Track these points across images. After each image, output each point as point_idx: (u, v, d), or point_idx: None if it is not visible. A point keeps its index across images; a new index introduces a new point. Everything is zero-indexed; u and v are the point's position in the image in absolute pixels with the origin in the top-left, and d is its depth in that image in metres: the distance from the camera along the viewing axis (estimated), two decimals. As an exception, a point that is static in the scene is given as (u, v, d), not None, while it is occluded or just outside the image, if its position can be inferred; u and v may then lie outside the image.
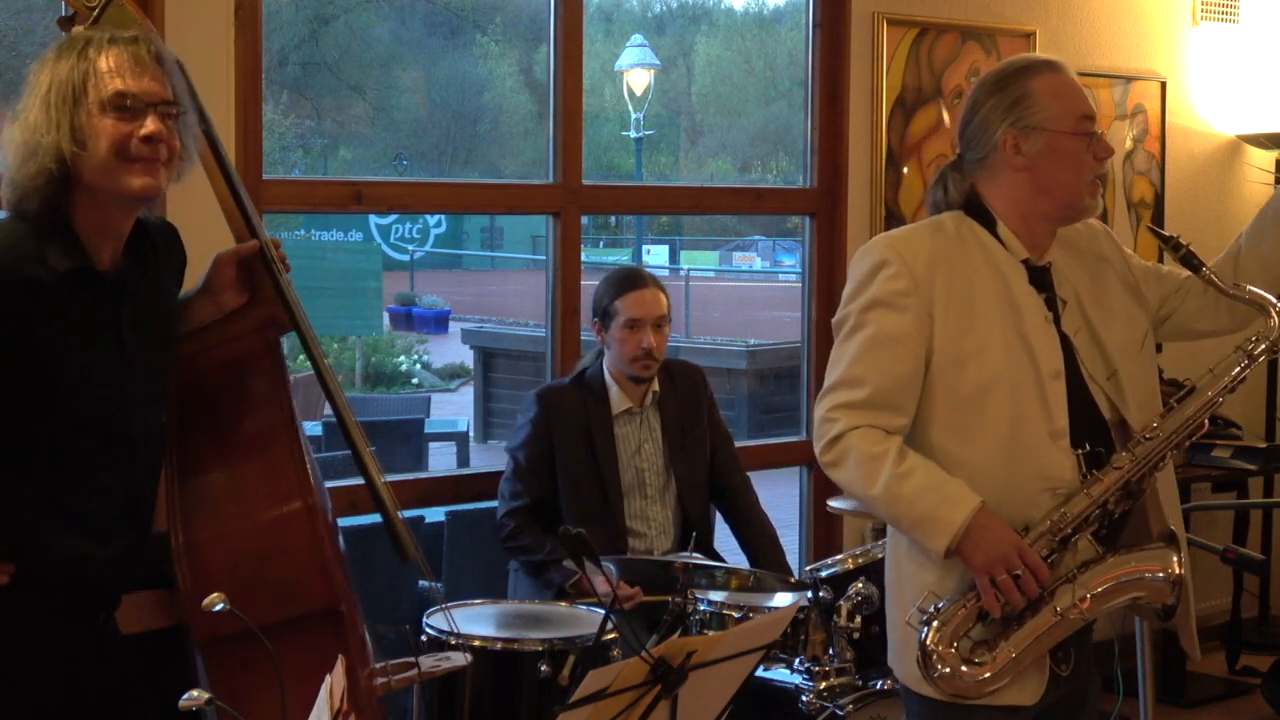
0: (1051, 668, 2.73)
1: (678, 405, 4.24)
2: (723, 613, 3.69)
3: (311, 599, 2.47)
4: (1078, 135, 2.75)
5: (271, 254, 2.75)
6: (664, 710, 2.15)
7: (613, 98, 16.55)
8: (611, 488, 4.11)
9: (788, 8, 15.88)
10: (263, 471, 2.51)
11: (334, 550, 2.61)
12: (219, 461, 2.53)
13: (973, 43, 5.37)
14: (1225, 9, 6.20)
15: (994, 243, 2.78)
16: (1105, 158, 2.78)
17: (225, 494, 2.50)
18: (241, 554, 2.47)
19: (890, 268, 2.72)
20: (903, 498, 2.66)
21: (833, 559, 3.85)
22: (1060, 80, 2.78)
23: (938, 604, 2.68)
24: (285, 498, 2.49)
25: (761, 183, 15.17)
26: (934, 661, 2.65)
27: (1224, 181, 6.32)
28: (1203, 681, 5.79)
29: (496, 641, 3.40)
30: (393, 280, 18.39)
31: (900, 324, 2.70)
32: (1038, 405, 2.71)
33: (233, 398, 2.63)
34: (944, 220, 2.82)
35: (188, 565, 2.47)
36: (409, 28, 18.92)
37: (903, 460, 2.67)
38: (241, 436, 2.56)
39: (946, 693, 2.68)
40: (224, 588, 2.37)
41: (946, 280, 2.72)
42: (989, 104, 2.78)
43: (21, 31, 4.27)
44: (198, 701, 1.93)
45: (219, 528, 2.48)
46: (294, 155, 17.14)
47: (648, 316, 4.12)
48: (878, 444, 2.68)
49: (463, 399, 14.88)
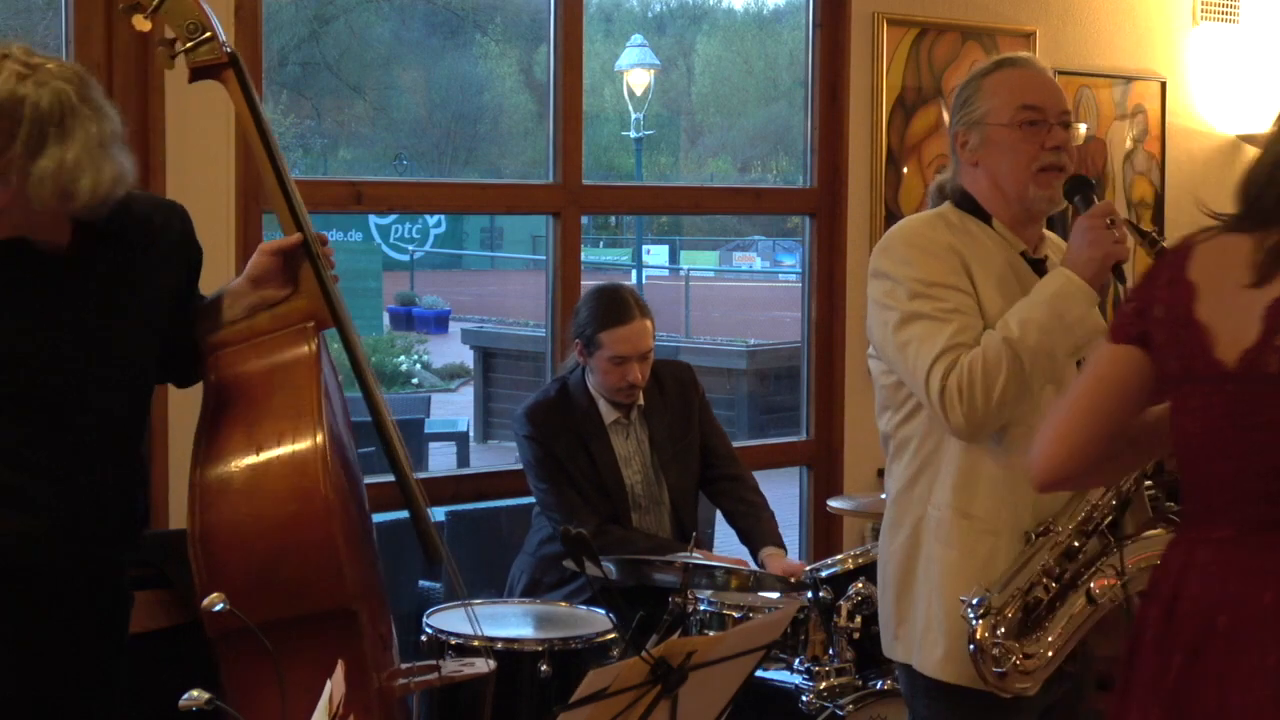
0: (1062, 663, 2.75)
1: (667, 415, 4.19)
2: (723, 613, 3.69)
3: (324, 598, 2.46)
4: (1014, 126, 2.78)
5: (317, 249, 2.74)
6: (664, 710, 2.15)
7: (613, 98, 16.55)
8: (617, 495, 4.08)
9: (788, 8, 15.87)
10: (285, 467, 2.50)
11: (356, 550, 2.60)
12: (244, 454, 2.51)
13: (973, 43, 5.37)
14: (1225, 9, 6.20)
15: (993, 234, 2.83)
16: (1053, 146, 2.78)
17: (245, 487, 2.49)
18: (255, 547, 2.47)
19: (919, 250, 2.76)
20: (1025, 327, 2.64)
21: (833, 559, 3.85)
22: (1010, 74, 2.82)
23: (984, 594, 2.67)
24: (304, 496, 2.48)
25: (761, 183, 15.16)
26: (993, 656, 2.64)
27: (1224, 181, 6.25)
28: (1203, 681, 5.79)
29: (497, 641, 3.41)
30: (393, 280, 18.40)
31: (958, 298, 2.73)
32: (1052, 388, 2.74)
33: (266, 391, 2.61)
34: (944, 212, 2.87)
35: (202, 553, 2.46)
36: (409, 28, 18.91)
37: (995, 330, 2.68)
38: (269, 430, 2.55)
39: (1000, 687, 2.67)
40: (236, 580, 2.41)
41: (968, 261, 2.77)
42: (953, 105, 2.89)
43: (22, 31, 4.27)
44: (197, 701, 1.93)
45: (235, 519, 2.47)
46: (294, 155, 17.12)
47: (633, 354, 4.03)
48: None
49: (463, 399, 14.87)
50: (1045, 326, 2.65)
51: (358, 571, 2.57)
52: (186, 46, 2.67)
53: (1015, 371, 2.64)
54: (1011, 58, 2.88)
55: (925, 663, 2.78)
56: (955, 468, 2.77)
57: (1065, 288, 2.67)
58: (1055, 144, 2.78)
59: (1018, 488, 2.69)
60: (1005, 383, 2.63)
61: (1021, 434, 2.70)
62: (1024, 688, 2.68)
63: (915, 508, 2.82)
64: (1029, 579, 2.68)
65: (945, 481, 2.78)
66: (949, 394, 2.65)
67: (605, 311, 4.05)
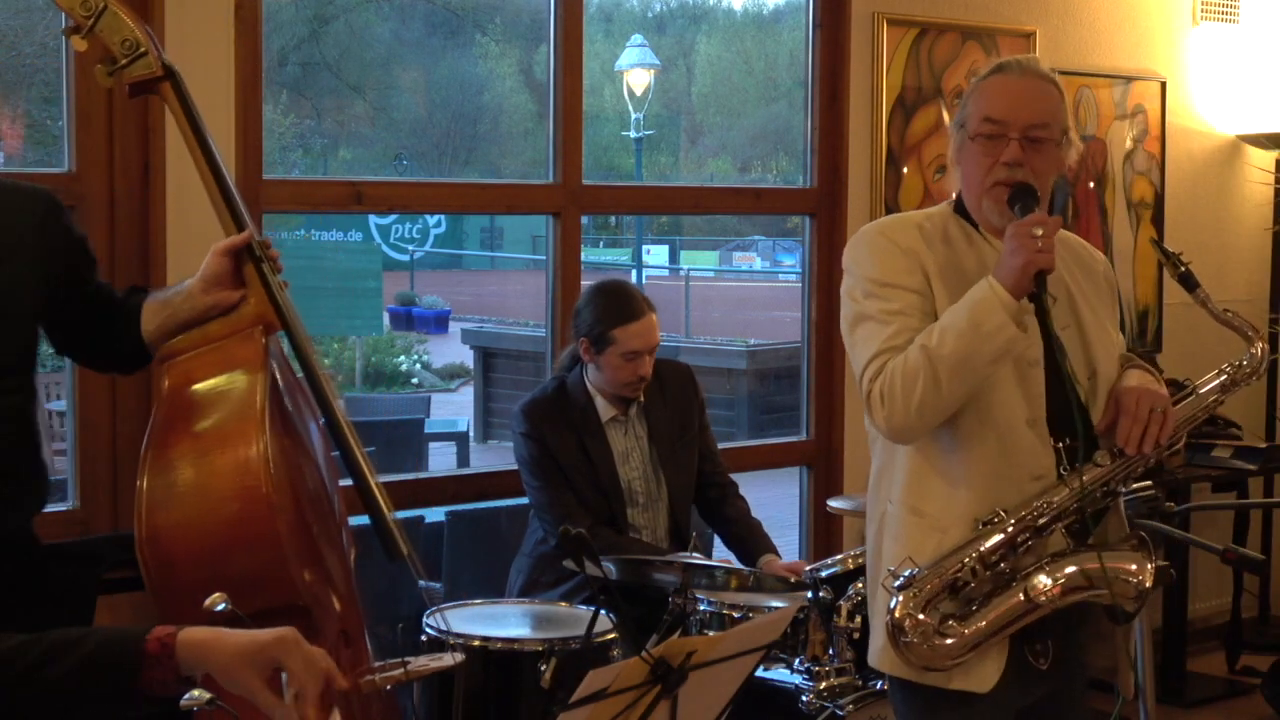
0: (1029, 661, 2.76)
1: (668, 411, 4.20)
2: (723, 613, 3.69)
3: (271, 595, 2.48)
4: (978, 137, 2.78)
5: (262, 253, 2.76)
6: (664, 710, 2.15)
7: (613, 98, 16.55)
8: (614, 494, 4.09)
9: (788, 8, 15.86)
10: (228, 467, 2.53)
11: (311, 548, 2.62)
12: (190, 459, 2.56)
13: (973, 43, 5.37)
14: (1225, 9, 6.20)
15: (979, 236, 2.84)
16: (1007, 162, 2.74)
17: (189, 489, 2.53)
18: (200, 548, 2.50)
19: (877, 250, 2.79)
20: (943, 335, 2.65)
21: (833, 559, 3.85)
22: (992, 82, 2.82)
23: (913, 570, 2.69)
24: (247, 495, 2.51)
25: (761, 183, 15.16)
26: (905, 629, 2.67)
27: (1224, 181, 6.32)
28: (1203, 681, 5.80)
29: (497, 641, 3.41)
30: (393, 280, 18.39)
31: (906, 299, 2.75)
32: (1016, 391, 2.74)
33: (212, 396, 2.64)
34: (934, 211, 2.89)
35: (150, 556, 2.50)
36: (409, 28, 18.91)
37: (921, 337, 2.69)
38: (213, 434, 2.59)
39: (913, 663, 2.69)
40: (184, 580, 2.45)
41: (935, 261, 2.78)
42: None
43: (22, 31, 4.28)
44: (198, 701, 1.93)
45: (180, 521, 2.51)
46: (294, 155, 17.14)
47: (646, 348, 4.06)
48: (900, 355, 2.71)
49: (463, 399, 14.88)
50: (962, 333, 2.65)
51: (310, 569, 2.59)
52: (122, 63, 2.74)
53: (930, 379, 2.64)
54: (1005, 63, 2.86)
55: (872, 655, 2.81)
56: (908, 465, 2.79)
57: (986, 296, 2.66)
58: (1009, 159, 2.75)
59: (970, 485, 2.72)
60: (923, 390, 2.64)
61: (976, 430, 2.72)
62: (944, 666, 2.69)
63: (880, 504, 2.86)
64: (959, 561, 2.69)
65: (899, 478, 2.80)
66: (874, 398, 2.70)
67: (615, 308, 4.06)
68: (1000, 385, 2.73)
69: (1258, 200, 6.36)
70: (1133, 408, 2.74)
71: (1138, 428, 2.71)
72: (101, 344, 2.87)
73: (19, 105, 7.19)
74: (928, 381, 2.64)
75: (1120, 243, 5.86)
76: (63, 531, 3.64)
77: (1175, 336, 6.06)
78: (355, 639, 2.77)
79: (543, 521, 4.07)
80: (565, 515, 3.95)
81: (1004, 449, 2.73)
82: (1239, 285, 6.30)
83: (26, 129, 8.02)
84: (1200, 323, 5.73)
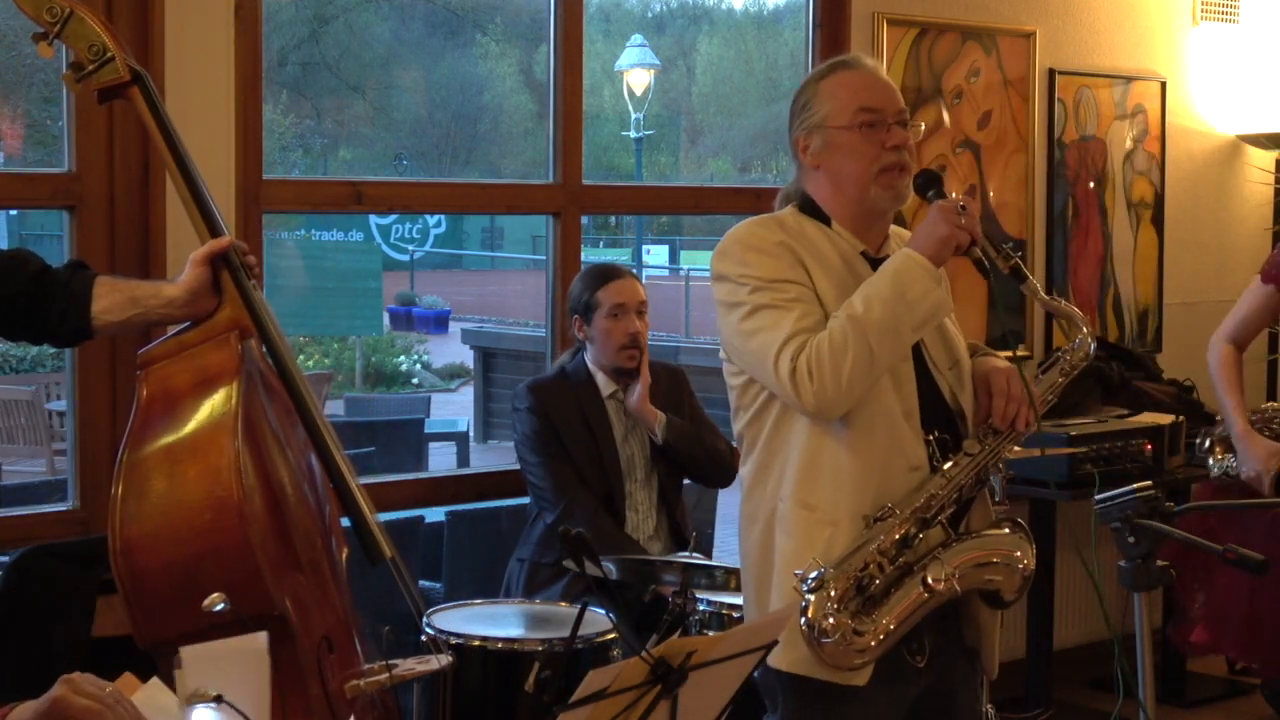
0: (906, 658, 2.77)
1: (658, 401, 4.24)
2: (723, 613, 3.69)
3: (245, 604, 2.47)
4: (854, 128, 2.80)
5: (237, 258, 2.75)
6: (664, 710, 2.15)
7: (613, 98, 16.58)
8: (611, 469, 4.14)
9: (788, 8, 15.88)
10: (199, 476, 2.53)
11: (288, 554, 2.62)
12: (163, 469, 2.56)
13: (973, 43, 5.37)
14: (1225, 9, 6.20)
15: (832, 235, 2.86)
16: (894, 145, 2.80)
17: (161, 498, 2.53)
18: (174, 557, 2.50)
19: (754, 251, 2.82)
20: (869, 303, 2.68)
21: (833, 559, 3.85)
22: (845, 77, 2.86)
23: (820, 570, 2.69)
24: (218, 504, 2.51)
25: (761, 183, 15.16)
26: (826, 630, 2.66)
27: (1224, 181, 6.32)
28: (1203, 681, 5.80)
29: (497, 641, 3.40)
30: (393, 280, 18.41)
31: (797, 289, 2.77)
32: (890, 384, 2.77)
33: (186, 403, 2.64)
34: (782, 215, 2.91)
35: (124, 566, 2.50)
36: (409, 28, 18.93)
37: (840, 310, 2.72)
38: (186, 442, 2.58)
39: (826, 662, 2.69)
40: (160, 589, 2.46)
41: (808, 253, 2.81)
42: (790, 111, 2.92)
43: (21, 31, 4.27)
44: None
45: (154, 530, 2.51)
46: (294, 155, 17.16)
47: (630, 302, 4.16)
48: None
49: (463, 399, 14.89)
50: (888, 301, 2.68)
51: (288, 576, 2.59)
52: (89, 69, 2.74)
53: (862, 348, 2.67)
54: (845, 59, 2.92)
55: (773, 654, 2.80)
56: (799, 459, 2.80)
57: (906, 264, 2.70)
58: (895, 143, 2.81)
59: (859, 477, 2.74)
60: (854, 360, 2.66)
61: (864, 423, 2.74)
62: (855, 665, 2.69)
63: (768, 502, 2.86)
64: (864, 559, 2.70)
65: (789, 473, 2.81)
66: (799, 374, 2.69)
67: (596, 274, 4.23)
68: (880, 379, 2.76)
69: (1258, 200, 6.36)
70: (1005, 387, 2.80)
71: (1013, 405, 2.78)
72: (34, 329, 2.77)
73: (19, 105, 7.19)
74: (859, 349, 2.66)
75: (1120, 243, 5.87)
76: (63, 531, 3.64)
77: (1175, 336, 6.06)
78: (342, 644, 2.76)
79: (539, 497, 4.13)
80: (565, 487, 4.05)
81: (888, 441, 2.76)
82: (1239, 285, 6.27)
83: (26, 129, 8.01)
84: (1200, 323, 5.74)
